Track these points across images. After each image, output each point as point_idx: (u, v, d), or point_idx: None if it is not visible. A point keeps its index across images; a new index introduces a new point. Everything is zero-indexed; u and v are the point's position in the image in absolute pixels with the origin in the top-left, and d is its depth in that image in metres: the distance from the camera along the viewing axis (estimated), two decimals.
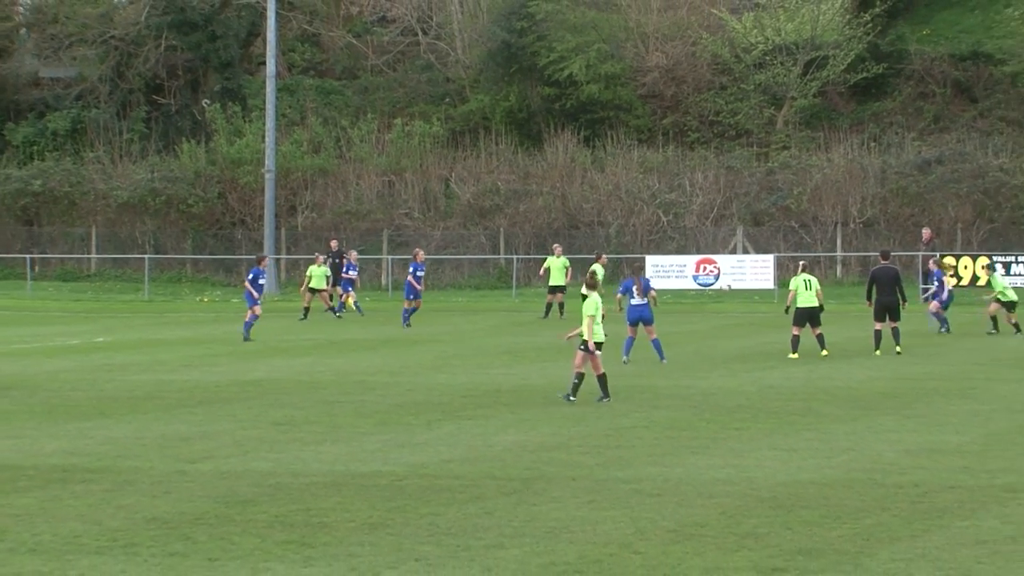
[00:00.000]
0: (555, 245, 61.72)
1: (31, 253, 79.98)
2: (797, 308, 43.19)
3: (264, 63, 78.77)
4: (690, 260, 70.84)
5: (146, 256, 77.71)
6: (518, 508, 21.97)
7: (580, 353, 33.21)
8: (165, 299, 72.28)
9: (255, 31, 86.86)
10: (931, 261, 55.27)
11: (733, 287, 47.94)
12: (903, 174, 76.49)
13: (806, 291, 42.93)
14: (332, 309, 60.58)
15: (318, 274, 59.72)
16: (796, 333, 42.81)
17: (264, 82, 77.71)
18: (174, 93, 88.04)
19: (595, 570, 18.25)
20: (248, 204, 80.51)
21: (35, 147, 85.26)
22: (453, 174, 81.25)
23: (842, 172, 77.09)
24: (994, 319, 51.28)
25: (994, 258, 66.40)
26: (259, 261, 52.49)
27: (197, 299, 72.29)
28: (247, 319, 50.24)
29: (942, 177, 75.44)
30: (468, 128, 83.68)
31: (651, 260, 72.23)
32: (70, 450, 27.65)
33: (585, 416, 31.51)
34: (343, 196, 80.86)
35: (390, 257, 76.75)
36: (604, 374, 33.57)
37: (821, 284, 46.87)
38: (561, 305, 58.47)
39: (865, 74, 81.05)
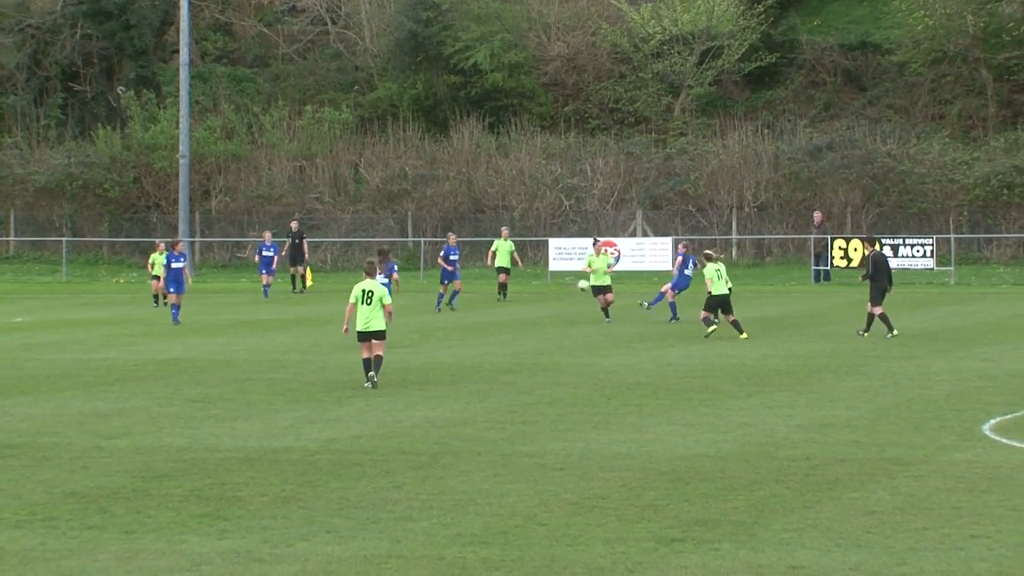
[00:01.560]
0: (503, 228, 61.98)
1: None
2: (710, 295, 43.14)
3: (177, 51, 78.34)
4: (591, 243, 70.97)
5: (64, 239, 77.17)
6: (426, 482, 21.98)
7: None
8: (82, 280, 71.84)
9: (168, 20, 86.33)
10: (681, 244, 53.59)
11: (585, 287, 47.85)
12: (795, 160, 76.95)
13: (718, 280, 42.95)
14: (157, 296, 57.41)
15: (160, 261, 55.39)
16: (706, 315, 42.93)
17: (178, 70, 77.30)
18: (90, 80, 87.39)
19: (501, 541, 18.29)
20: (163, 188, 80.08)
21: None
22: (362, 159, 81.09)
23: (737, 158, 77.46)
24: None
25: (881, 241, 66.94)
26: (173, 246, 51.83)
27: (114, 280, 71.88)
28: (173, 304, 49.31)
29: (833, 163, 75.94)
30: (376, 115, 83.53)
31: (554, 243, 72.39)
32: (4, 427, 27.47)
33: (490, 393, 31.56)
34: (255, 181, 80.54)
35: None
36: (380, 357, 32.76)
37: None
38: (504, 287, 58.71)
39: (759, 63, 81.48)
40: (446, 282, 55.13)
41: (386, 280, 40.59)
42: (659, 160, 78.64)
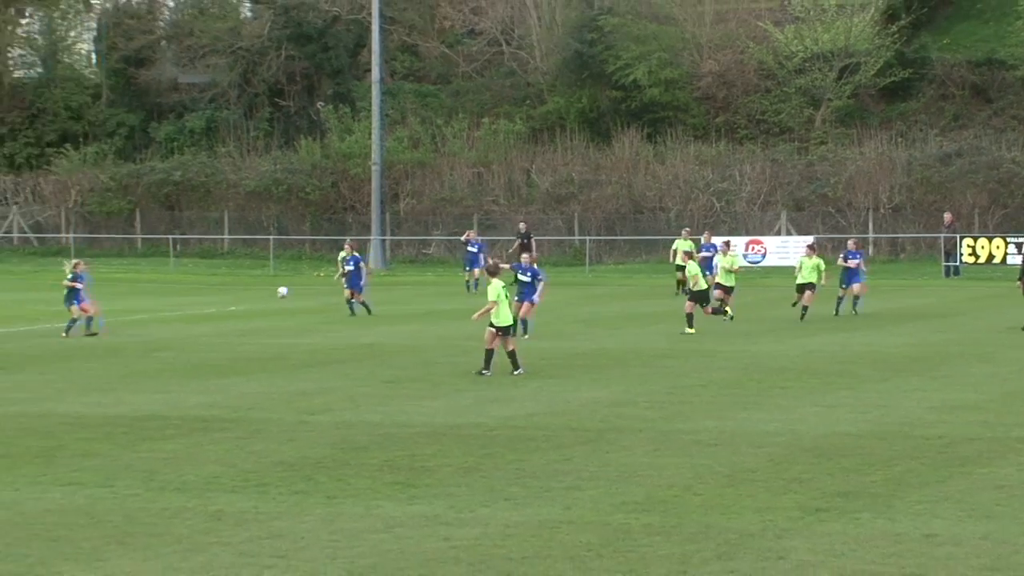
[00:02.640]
0: (684, 229, 59.44)
1: (173, 234, 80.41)
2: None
3: (370, 70, 78.84)
4: (740, 241, 70.40)
5: (271, 237, 78.03)
6: (593, 455, 21.99)
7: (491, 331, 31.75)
8: (287, 274, 72.59)
9: (362, 43, 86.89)
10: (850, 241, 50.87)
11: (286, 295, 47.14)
12: (927, 166, 75.91)
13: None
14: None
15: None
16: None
17: (370, 87, 77.80)
18: (293, 96, 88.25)
19: (660, 509, 18.25)
20: (357, 192, 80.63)
21: (175, 143, 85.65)
22: (533, 166, 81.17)
23: (873, 164, 76.56)
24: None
25: (1008, 239, 65.86)
26: (350, 247, 50.64)
27: (314, 274, 72.55)
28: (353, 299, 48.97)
29: (961, 168, 74.82)
30: (546, 126, 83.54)
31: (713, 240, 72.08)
32: (209, 403, 27.84)
33: (650, 376, 31.48)
34: (439, 185, 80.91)
35: (480, 238, 76.79)
36: (514, 351, 31.94)
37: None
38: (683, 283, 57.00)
39: (893, 78, 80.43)
40: (469, 268, 57.12)
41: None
42: (802, 166, 77.94)
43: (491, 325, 31.48)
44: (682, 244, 56.80)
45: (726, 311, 43.12)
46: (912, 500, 18.47)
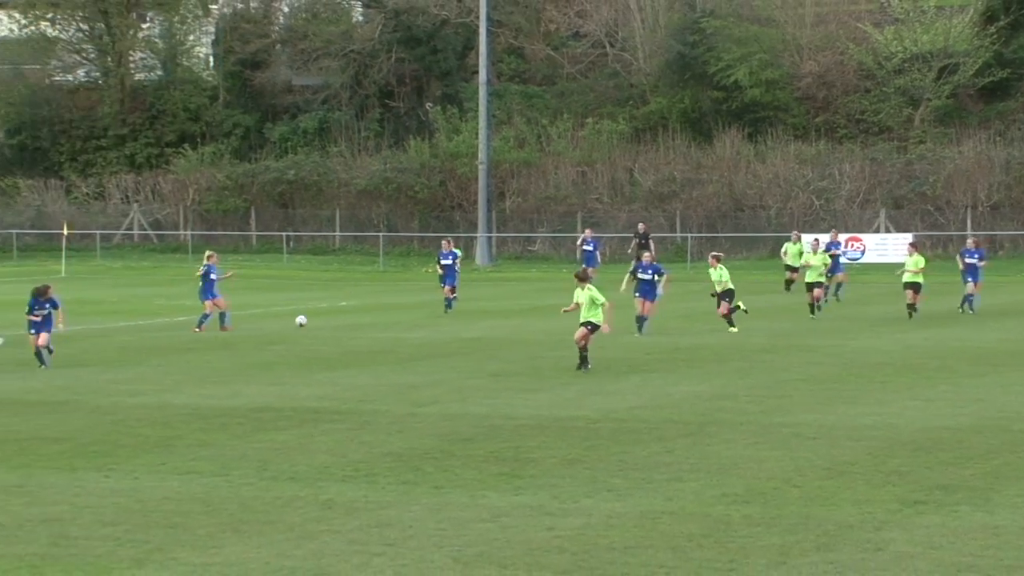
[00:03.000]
0: (794, 232, 56.32)
1: (287, 231, 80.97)
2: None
3: (477, 72, 78.96)
4: (840, 238, 69.82)
5: (381, 234, 78.34)
6: (694, 448, 21.88)
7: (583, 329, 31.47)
8: (397, 270, 72.90)
9: (470, 45, 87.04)
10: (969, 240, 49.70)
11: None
12: None
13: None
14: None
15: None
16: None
17: (477, 88, 77.92)
18: (403, 98, 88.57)
19: (760, 501, 18.13)
20: (464, 190, 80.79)
21: (289, 143, 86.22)
22: (636, 165, 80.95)
23: (971, 163, 75.64)
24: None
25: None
26: (448, 244, 50.15)
27: (423, 270, 72.72)
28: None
29: None
30: (649, 126, 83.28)
31: (806, 238, 71.56)
32: (320, 395, 27.99)
33: (751, 370, 31.29)
34: (544, 184, 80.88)
35: (593, 235, 76.82)
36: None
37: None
38: (791, 283, 54.95)
39: (991, 78, 79.42)
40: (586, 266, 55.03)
41: None
42: (901, 165, 77.18)
43: (584, 323, 31.20)
44: (791, 248, 55.56)
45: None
46: (1011, 493, 18.22)
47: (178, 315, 43.19)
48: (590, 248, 58.82)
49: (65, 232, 72.11)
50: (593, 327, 31.26)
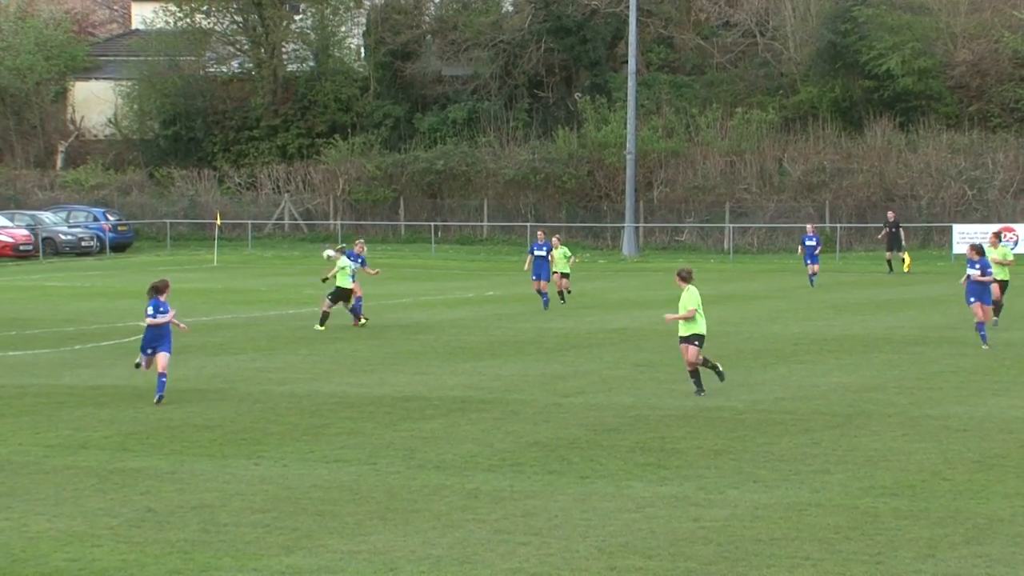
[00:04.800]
0: (555, 237, 48.97)
1: (435, 221, 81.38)
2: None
3: (626, 62, 78.71)
4: (993, 228, 68.75)
5: (528, 224, 78.44)
6: (841, 439, 21.69)
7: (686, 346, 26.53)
8: None
9: (619, 35, 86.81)
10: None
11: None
12: None
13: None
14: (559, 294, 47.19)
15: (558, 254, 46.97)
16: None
17: (626, 78, 77.73)
18: (551, 88, 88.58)
19: (909, 493, 17.93)
20: (612, 180, 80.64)
21: (438, 134, 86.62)
22: (785, 155, 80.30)
23: None
24: None
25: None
26: (543, 235, 48.58)
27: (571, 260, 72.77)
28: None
29: None
30: (798, 116, 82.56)
31: (957, 228, 70.59)
32: (467, 384, 28.12)
33: (899, 362, 30.93)
34: (691, 174, 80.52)
35: (732, 225, 76.38)
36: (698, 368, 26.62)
37: None
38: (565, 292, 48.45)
39: None
40: (809, 262, 54.37)
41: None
42: None
43: (686, 338, 26.34)
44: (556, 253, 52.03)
45: None
46: None
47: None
48: (812, 243, 54.98)
49: (218, 222, 73.15)
50: (698, 339, 26.40)
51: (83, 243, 76.32)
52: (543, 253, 46.12)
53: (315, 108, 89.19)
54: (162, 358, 26.10)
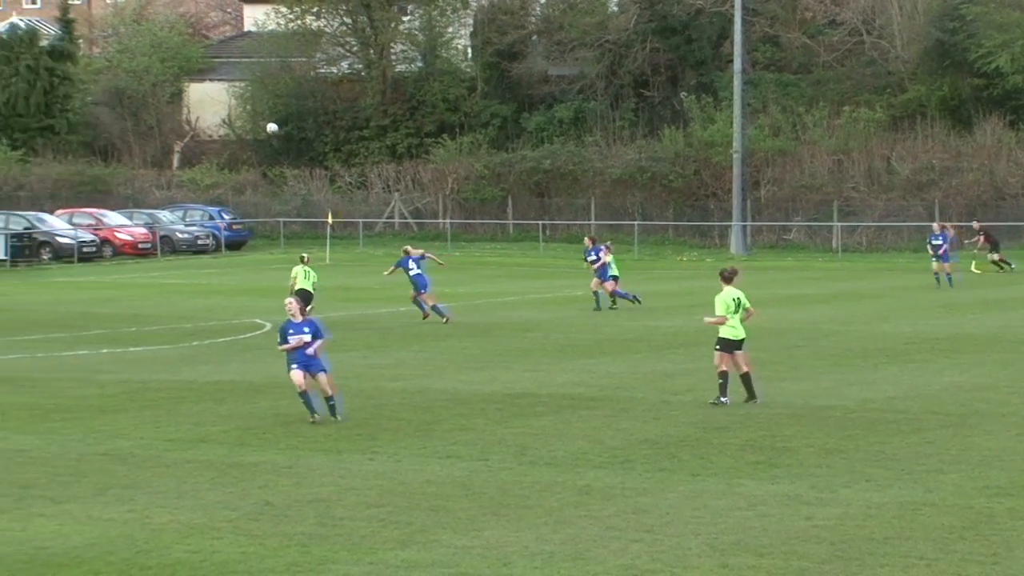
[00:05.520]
0: (607, 243, 48.20)
1: (543, 220, 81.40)
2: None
3: (732, 61, 78.37)
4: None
5: (635, 223, 78.30)
6: (955, 439, 21.46)
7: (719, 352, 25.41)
8: (651, 258, 72.79)
9: (724, 34, 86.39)
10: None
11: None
12: None
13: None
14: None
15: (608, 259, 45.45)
16: None
17: (732, 77, 77.38)
18: (657, 87, 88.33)
19: None
20: (719, 179, 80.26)
21: (545, 133, 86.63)
22: (894, 153, 79.57)
23: None
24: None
25: None
26: (594, 240, 46.84)
27: (677, 259, 72.63)
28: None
29: None
30: (906, 114, 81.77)
31: None
32: (576, 381, 28.11)
33: (1013, 361, 30.55)
34: (799, 172, 79.99)
35: (839, 224, 75.76)
36: (747, 372, 25.48)
37: None
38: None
39: None
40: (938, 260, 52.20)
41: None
42: None
43: (718, 344, 25.32)
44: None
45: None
46: None
47: (438, 302, 43.55)
48: (939, 242, 52.68)
49: (329, 220, 73.62)
50: (733, 345, 25.17)
51: (199, 241, 77.08)
52: (594, 257, 44.76)
53: (424, 108, 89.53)
54: (323, 379, 23.83)
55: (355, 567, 15.06)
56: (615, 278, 44.49)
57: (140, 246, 73.94)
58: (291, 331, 23.75)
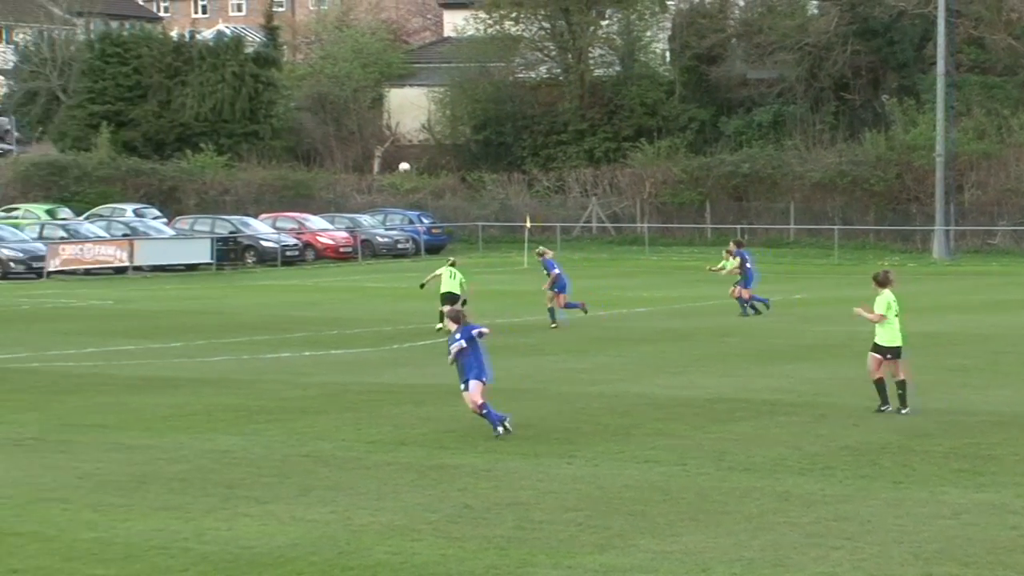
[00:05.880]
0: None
1: (741, 224, 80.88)
2: None
3: (935, 63, 77.11)
4: None
5: (835, 227, 77.45)
6: None
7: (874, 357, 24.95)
8: (851, 263, 71.83)
9: (928, 36, 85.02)
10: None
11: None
12: None
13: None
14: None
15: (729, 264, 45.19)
16: None
17: (935, 79, 76.12)
18: (857, 90, 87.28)
19: None
20: (921, 183, 79.02)
21: (743, 137, 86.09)
22: None
23: None
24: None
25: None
26: (740, 244, 46.72)
27: (879, 263, 71.59)
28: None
29: None
30: None
31: None
32: (775, 387, 27.90)
33: None
34: (1004, 176, 78.42)
35: None
36: (904, 380, 24.80)
37: None
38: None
39: None
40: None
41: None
42: None
43: (874, 348, 24.91)
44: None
45: None
46: None
47: (636, 306, 43.66)
48: None
49: (528, 225, 73.90)
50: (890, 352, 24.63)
51: (399, 245, 77.95)
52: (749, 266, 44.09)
53: (621, 112, 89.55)
54: (476, 388, 22.93)
55: (554, 571, 15.12)
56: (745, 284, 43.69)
57: (341, 250, 74.99)
58: (450, 343, 23.13)
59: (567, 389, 27.95)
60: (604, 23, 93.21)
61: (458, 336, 22.85)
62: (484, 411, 22.78)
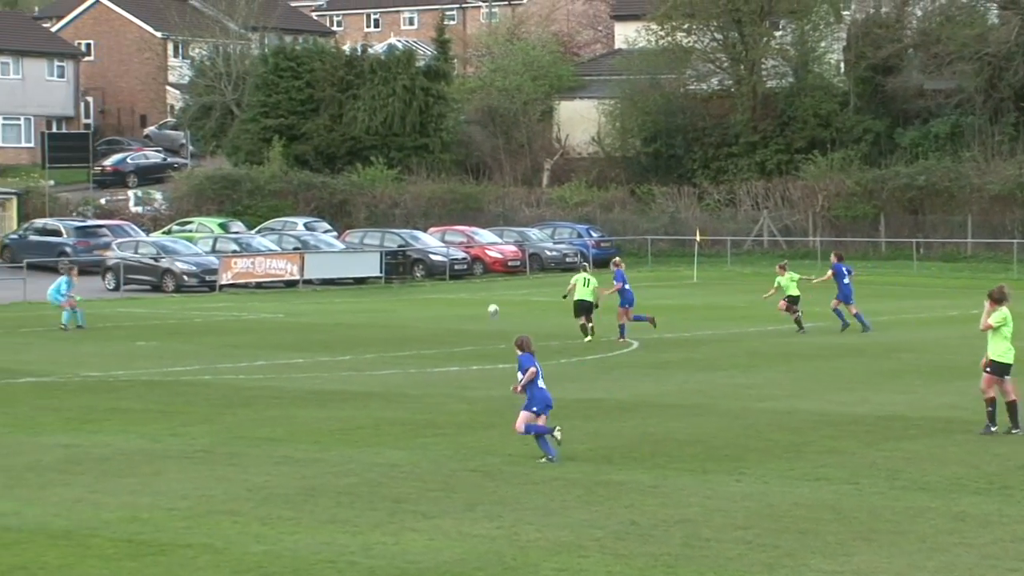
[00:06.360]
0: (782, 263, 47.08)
1: (916, 238, 79.77)
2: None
3: None
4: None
5: (1014, 241, 76.07)
6: None
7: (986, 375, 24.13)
8: None
9: None
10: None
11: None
12: None
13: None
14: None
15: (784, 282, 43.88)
16: None
17: None
18: None
19: None
20: None
21: (919, 148, 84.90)
22: None
23: None
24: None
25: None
26: (840, 256, 45.52)
27: None
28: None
29: None
30: None
31: None
32: (952, 404, 27.44)
33: None
34: None
35: None
36: (1015, 401, 24.12)
37: None
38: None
39: None
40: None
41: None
42: None
43: (986, 367, 24.06)
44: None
45: None
46: None
47: (805, 322, 43.13)
48: None
49: (698, 238, 73.62)
50: (1004, 370, 23.92)
51: (567, 259, 78.01)
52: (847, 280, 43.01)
53: (794, 124, 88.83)
54: (522, 417, 22.31)
55: None
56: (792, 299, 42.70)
57: (510, 264, 75.26)
58: (523, 368, 22.48)
59: (736, 405, 27.78)
60: (778, 34, 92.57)
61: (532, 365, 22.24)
62: (536, 430, 22.06)
